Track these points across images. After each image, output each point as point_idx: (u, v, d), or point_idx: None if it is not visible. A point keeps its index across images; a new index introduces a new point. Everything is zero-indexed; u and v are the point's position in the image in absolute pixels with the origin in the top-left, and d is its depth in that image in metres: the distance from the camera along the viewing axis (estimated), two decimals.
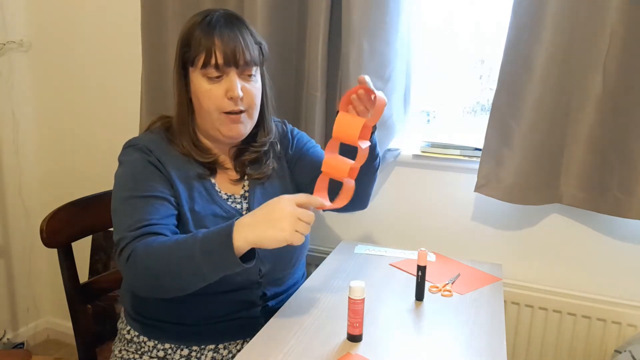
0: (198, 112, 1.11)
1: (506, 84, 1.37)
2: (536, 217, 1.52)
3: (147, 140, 1.12)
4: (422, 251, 1.18)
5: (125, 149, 1.13)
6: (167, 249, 0.95)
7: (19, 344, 2.16)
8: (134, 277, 0.98)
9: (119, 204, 1.05)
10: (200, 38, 1.06)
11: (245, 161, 1.19)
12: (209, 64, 1.05)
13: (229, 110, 1.08)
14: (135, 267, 0.96)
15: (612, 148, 1.33)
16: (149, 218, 1.01)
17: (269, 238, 0.90)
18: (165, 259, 0.94)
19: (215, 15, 1.09)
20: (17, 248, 2.17)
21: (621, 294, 1.46)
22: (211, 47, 1.05)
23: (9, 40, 2.00)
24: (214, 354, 1.13)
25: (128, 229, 0.99)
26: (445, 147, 1.57)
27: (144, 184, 1.05)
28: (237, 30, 1.07)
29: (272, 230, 0.90)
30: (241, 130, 1.12)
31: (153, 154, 1.09)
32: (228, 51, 1.05)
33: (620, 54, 1.27)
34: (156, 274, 0.95)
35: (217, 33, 1.05)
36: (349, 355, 0.96)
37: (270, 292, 1.17)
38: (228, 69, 1.06)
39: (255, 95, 1.12)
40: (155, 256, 0.95)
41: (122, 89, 1.94)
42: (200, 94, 1.08)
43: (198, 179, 1.12)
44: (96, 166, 2.05)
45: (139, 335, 1.15)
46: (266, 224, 0.91)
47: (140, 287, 1.01)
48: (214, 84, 1.07)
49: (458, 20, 1.60)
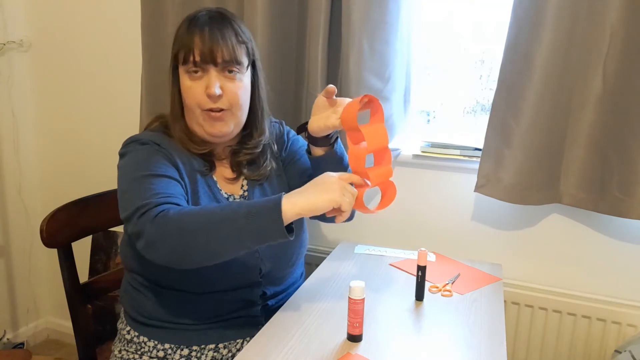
0: (185, 108, 1.13)
1: (506, 84, 1.37)
2: (536, 217, 1.52)
3: (151, 136, 1.12)
4: (422, 251, 1.18)
5: (127, 143, 1.11)
6: (207, 209, 0.94)
7: (19, 344, 2.16)
8: (160, 233, 0.93)
9: (131, 183, 1.02)
10: (183, 35, 1.07)
11: (241, 162, 1.19)
12: (188, 61, 1.06)
13: (208, 108, 1.09)
14: (164, 224, 0.93)
15: (612, 148, 1.33)
16: (169, 192, 1.00)
17: (320, 199, 0.93)
18: (204, 217, 0.93)
19: (202, 14, 1.10)
20: (17, 248, 2.17)
21: (621, 294, 1.46)
22: (190, 44, 1.06)
23: (9, 40, 2.00)
24: (214, 353, 1.13)
25: (150, 197, 0.97)
26: (445, 147, 1.57)
27: (157, 165, 1.04)
28: (218, 29, 1.07)
29: (322, 193, 0.94)
30: (223, 128, 1.11)
31: (162, 147, 1.09)
32: (205, 49, 1.05)
33: (620, 54, 1.27)
34: (192, 230, 0.92)
35: (197, 31, 1.06)
36: (349, 355, 0.96)
37: (270, 291, 1.18)
38: (207, 66, 1.07)
39: (239, 94, 1.10)
40: (192, 214, 0.94)
41: (122, 88, 1.94)
42: (183, 90, 1.10)
43: (201, 174, 1.13)
44: (96, 166, 2.05)
45: (138, 335, 1.15)
46: (315, 189, 0.95)
47: (163, 245, 0.94)
48: (195, 80, 1.08)
49: (458, 20, 1.60)
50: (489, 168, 1.44)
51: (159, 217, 0.94)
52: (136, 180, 1.02)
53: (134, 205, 0.97)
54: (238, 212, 0.93)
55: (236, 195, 1.18)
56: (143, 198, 0.97)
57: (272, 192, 1.21)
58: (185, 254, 0.94)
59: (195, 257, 0.95)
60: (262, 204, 0.93)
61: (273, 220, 0.91)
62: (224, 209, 0.94)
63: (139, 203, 0.97)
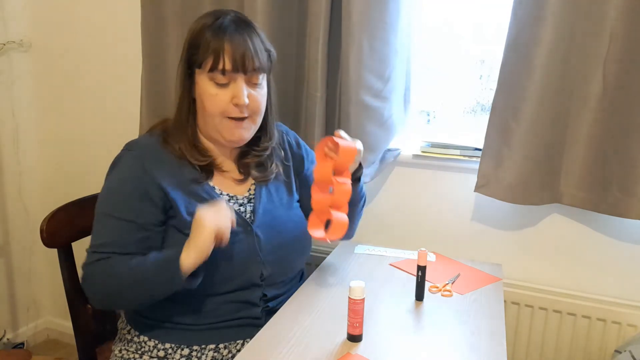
0: (201, 114, 1.11)
1: (506, 84, 1.37)
2: (536, 217, 1.52)
3: (144, 145, 1.12)
4: (422, 251, 1.18)
5: (123, 149, 1.13)
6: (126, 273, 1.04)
7: (19, 344, 2.16)
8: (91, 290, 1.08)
9: (97, 217, 1.10)
10: (209, 41, 1.05)
11: (249, 164, 1.19)
12: (216, 69, 1.05)
13: (233, 116, 1.08)
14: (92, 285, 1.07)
15: (612, 148, 1.33)
16: (112, 241, 1.06)
17: (201, 240, 0.99)
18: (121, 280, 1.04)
19: (227, 19, 1.08)
20: (17, 248, 2.17)
21: (621, 294, 1.46)
22: (220, 51, 1.04)
23: (9, 40, 2.00)
24: (215, 353, 1.13)
25: (92, 247, 1.08)
26: (445, 147, 1.57)
27: (123, 204, 1.08)
28: (247, 36, 1.07)
29: (199, 234, 0.99)
30: (243, 135, 1.12)
31: (145, 166, 1.09)
32: (237, 57, 1.05)
33: (620, 54, 1.27)
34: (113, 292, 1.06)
35: (227, 37, 1.05)
36: (349, 355, 0.97)
37: (271, 293, 1.18)
38: (235, 74, 1.06)
39: (261, 102, 1.12)
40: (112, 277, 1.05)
41: (122, 89, 1.94)
42: (205, 97, 1.08)
43: (194, 183, 1.12)
44: (96, 166, 2.04)
45: (139, 335, 1.15)
46: (194, 233, 1.01)
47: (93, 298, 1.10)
48: (221, 88, 1.07)
49: (458, 20, 1.60)
50: (489, 168, 1.44)
51: (89, 275, 1.07)
52: (100, 217, 1.09)
53: (90, 243, 1.09)
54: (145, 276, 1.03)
55: (239, 196, 1.17)
56: (92, 245, 1.08)
57: (278, 195, 1.22)
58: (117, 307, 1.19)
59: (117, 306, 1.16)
60: (161, 264, 1.02)
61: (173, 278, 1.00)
62: (134, 272, 1.03)
63: (92, 243, 1.08)
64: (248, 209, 1.17)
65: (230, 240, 1.03)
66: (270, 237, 1.16)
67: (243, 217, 1.15)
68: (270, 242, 1.16)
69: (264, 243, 1.15)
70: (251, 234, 1.14)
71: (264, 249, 1.14)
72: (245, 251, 1.12)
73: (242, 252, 1.11)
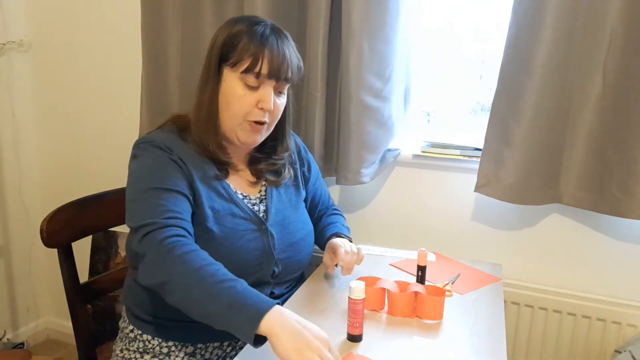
0: (223, 112, 1.11)
1: (506, 83, 1.37)
2: (536, 217, 1.52)
3: (164, 138, 1.11)
4: (422, 251, 1.18)
5: (139, 144, 1.10)
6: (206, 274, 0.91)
7: (19, 344, 2.16)
8: (156, 268, 0.94)
9: (141, 194, 1.02)
10: (250, 44, 1.06)
11: (262, 169, 1.20)
12: (251, 71, 1.06)
13: (255, 119, 1.09)
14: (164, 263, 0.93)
15: (612, 148, 1.32)
16: (178, 210, 1.00)
17: (283, 346, 0.82)
18: (196, 280, 0.90)
19: (267, 26, 1.09)
20: (17, 248, 2.17)
21: (621, 294, 1.45)
22: (260, 55, 1.05)
23: (9, 40, 2.00)
24: (219, 351, 1.13)
25: (158, 215, 0.97)
26: (445, 147, 1.57)
27: (168, 178, 1.04)
28: (286, 47, 1.09)
29: (290, 344, 0.82)
30: (257, 139, 1.14)
31: (174, 153, 1.08)
32: (275, 64, 1.06)
33: (620, 54, 1.27)
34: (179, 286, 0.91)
35: (269, 44, 1.06)
36: (349, 355, 0.97)
37: (278, 291, 1.20)
38: (267, 80, 1.07)
39: (281, 110, 1.14)
40: (189, 270, 0.91)
41: (122, 88, 1.94)
42: (231, 96, 1.08)
43: (215, 179, 1.13)
44: (96, 166, 2.04)
45: (142, 333, 1.15)
46: (294, 335, 0.83)
47: (154, 278, 0.95)
48: (249, 90, 1.08)
49: (458, 20, 1.60)
50: (489, 168, 1.44)
51: (164, 249, 0.93)
52: (146, 192, 1.02)
53: (141, 220, 0.98)
54: (223, 298, 0.88)
55: (252, 197, 1.19)
56: (151, 215, 0.97)
57: (289, 198, 1.24)
58: (164, 295, 0.94)
59: (169, 301, 0.94)
60: (249, 303, 0.87)
61: (247, 326, 0.85)
62: (216, 285, 0.89)
63: (146, 220, 0.97)
64: (261, 208, 1.18)
65: (247, 238, 1.04)
66: (282, 235, 1.18)
67: (258, 216, 1.15)
68: (282, 240, 1.17)
69: (277, 241, 1.16)
70: (266, 232, 1.15)
71: (277, 247, 1.16)
72: (260, 249, 1.13)
73: (257, 249, 1.12)
